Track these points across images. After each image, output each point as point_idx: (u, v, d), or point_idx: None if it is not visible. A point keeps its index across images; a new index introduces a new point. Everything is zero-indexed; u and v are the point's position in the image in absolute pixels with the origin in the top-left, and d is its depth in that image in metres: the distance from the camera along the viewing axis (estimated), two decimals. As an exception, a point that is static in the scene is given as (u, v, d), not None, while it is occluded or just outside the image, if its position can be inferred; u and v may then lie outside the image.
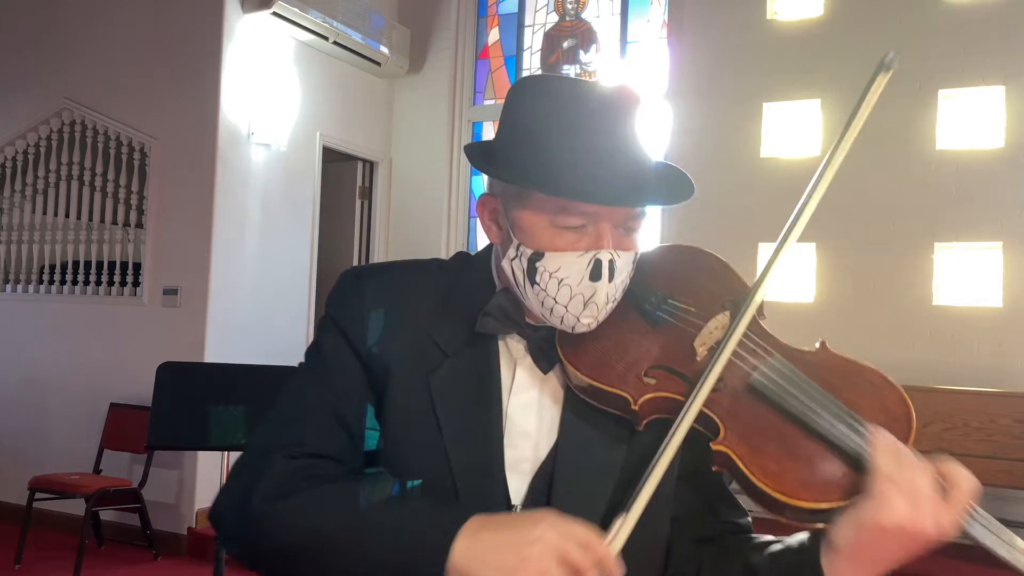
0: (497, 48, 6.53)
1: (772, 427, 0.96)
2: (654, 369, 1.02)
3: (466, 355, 1.07)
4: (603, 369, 1.02)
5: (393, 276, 1.13)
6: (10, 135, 6.00)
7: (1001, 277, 4.68)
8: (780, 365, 1.00)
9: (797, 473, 0.93)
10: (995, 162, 4.71)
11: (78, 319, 5.64)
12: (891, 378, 0.99)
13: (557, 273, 0.99)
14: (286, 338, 5.61)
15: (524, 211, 1.01)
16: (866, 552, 0.90)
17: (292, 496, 0.98)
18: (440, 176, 6.33)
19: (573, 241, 1.00)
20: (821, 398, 0.96)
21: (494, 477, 1.04)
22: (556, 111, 0.99)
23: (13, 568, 4.72)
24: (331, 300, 1.12)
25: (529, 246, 1.01)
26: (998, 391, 4.38)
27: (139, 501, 4.93)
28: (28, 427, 5.69)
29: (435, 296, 1.11)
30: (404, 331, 1.08)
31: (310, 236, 5.86)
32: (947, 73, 4.84)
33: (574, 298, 1.00)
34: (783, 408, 0.97)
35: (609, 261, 0.99)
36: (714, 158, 5.31)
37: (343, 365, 1.08)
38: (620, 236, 1.01)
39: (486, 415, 1.05)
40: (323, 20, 5.60)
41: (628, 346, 1.04)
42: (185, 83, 5.33)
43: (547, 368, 1.07)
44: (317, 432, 1.05)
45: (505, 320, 1.07)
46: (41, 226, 5.96)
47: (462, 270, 1.15)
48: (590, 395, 1.04)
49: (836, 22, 5.12)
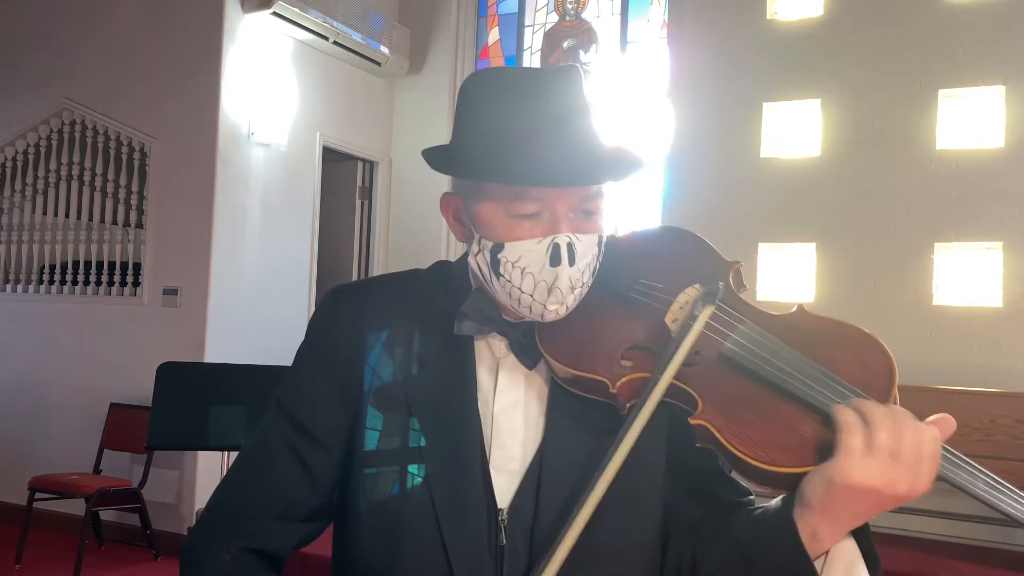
0: (497, 48, 6.53)
1: (749, 395, 0.95)
2: (631, 351, 1.02)
3: (442, 360, 1.07)
4: (581, 357, 1.02)
5: (370, 290, 1.15)
6: (10, 135, 6.00)
7: (1001, 277, 4.68)
8: (752, 332, 0.98)
9: (776, 439, 0.91)
10: (995, 162, 4.71)
11: (78, 319, 5.65)
12: (871, 332, 0.97)
13: (519, 262, 1.00)
14: (286, 338, 5.57)
15: (481, 204, 1.02)
16: (839, 508, 0.88)
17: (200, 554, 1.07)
18: (440, 176, 6.29)
19: (530, 229, 1.00)
20: (796, 361, 0.94)
21: (473, 481, 1.03)
22: (500, 101, 1.00)
23: (13, 568, 4.72)
24: (311, 319, 1.16)
25: (490, 238, 1.02)
26: (998, 391, 4.38)
27: (139, 501, 4.93)
28: (28, 427, 5.69)
29: (413, 306, 1.11)
30: (381, 344, 1.09)
31: (310, 236, 5.86)
32: (947, 73, 4.84)
33: (538, 285, 1.00)
34: (758, 375, 0.95)
35: (568, 244, 0.98)
36: (714, 158, 5.31)
37: (314, 389, 1.10)
38: (579, 220, 1.01)
39: (463, 419, 1.05)
40: (323, 20, 5.60)
41: (604, 331, 1.04)
42: (185, 83, 5.33)
43: (531, 364, 1.07)
44: (276, 485, 1.09)
45: (482, 320, 1.07)
46: (41, 226, 5.96)
47: (440, 277, 1.15)
48: (573, 385, 1.03)
49: (836, 22, 5.11)
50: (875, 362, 0.95)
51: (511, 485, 1.04)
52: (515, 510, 1.03)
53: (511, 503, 1.03)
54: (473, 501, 1.03)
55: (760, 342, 0.97)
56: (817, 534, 0.90)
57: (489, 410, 1.06)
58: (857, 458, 0.85)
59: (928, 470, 0.86)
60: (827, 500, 0.88)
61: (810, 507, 0.89)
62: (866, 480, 0.85)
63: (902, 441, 0.86)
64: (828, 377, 0.93)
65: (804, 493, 0.90)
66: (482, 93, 1.03)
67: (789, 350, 0.96)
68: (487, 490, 1.03)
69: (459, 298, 1.09)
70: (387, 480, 1.04)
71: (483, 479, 1.03)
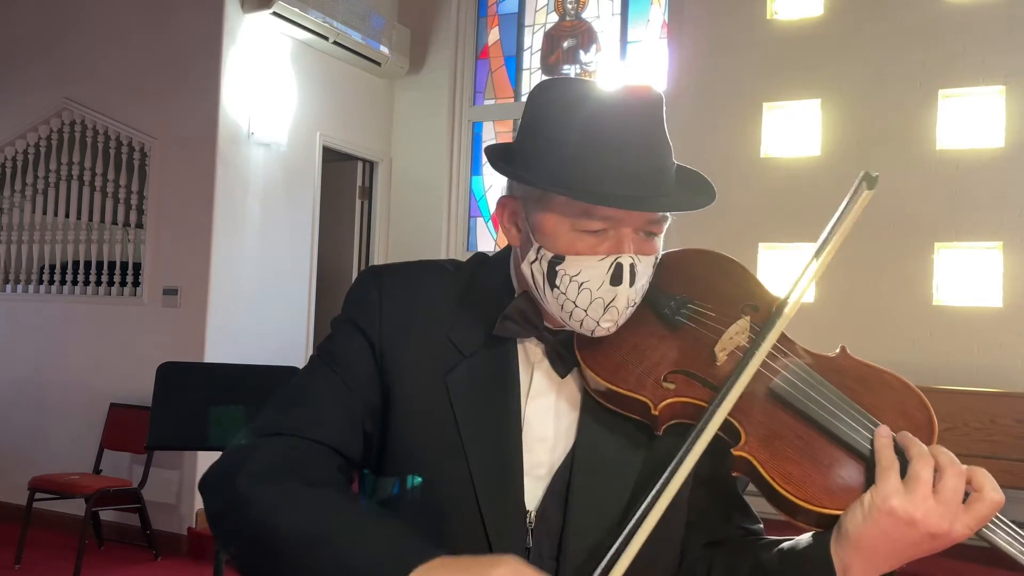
0: (497, 48, 6.53)
1: (793, 433, 0.96)
2: (673, 374, 1.02)
3: (484, 356, 1.07)
4: (622, 373, 1.02)
5: (410, 275, 1.13)
6: (10, 135, 6.00)
7: (1001, 277, 4.69)
8: (801, 370, 0.99)
9: (819, 479, 0.92)
10: (995, 162, 4.71)
11: (78, 319, 5.64)
12: (911, 383, 0.99)
13: (577, 277, 0.99)
14: (286, 338, 5.61)
15: (545, 214, 1.01)
16: (875, 540, 0.88)
17: (272, 485, 0.96)
18: (440, 176, 6.32)
19: (594, 245, 0.99)
20: (842, 403, 0.96)
21: (512, 481, 1.03)
22: (576, 113, 0.98)
23: (13, 568, 4.72)
24: (348, 296, 1.13)
25: (550, 249, 1.01)
26: (998, 391, 4.38)
27: (139, 501, 4.93)
28: (28, 427, 5.69)
29: (452, 296, 1.11)
30: (420, 329, 1.09)
31: (310, 236, 5.86)
32: (947, 73, 4.84)
33: (594, 302, 0.99)
34: (804, 414, 0.96)
35: (630, 266, 0.98)
36: (714, 158, 5.31)
37: (356, 358, 1.08)
38: (641, 240, 1.00)
39: (504, 418, 1.05)
40: (323, 20, 5.60)
41: (647, 350, 1.04)
42: (185, 83, 5.33)
43: (564, 372, 1.07)
44: (321, 419, 1.04)
45: (524, 324, 1.07)
46: (41, 226, 5.96)
47: (479, 271, 1.14)
48: (608, 399, 1.03)
49: (836, 22, 5.12)
50: (915, 413, 0.96)
51: (537, 489, 1.04)
52: (543, 514, 1.03)
53: (539, 507, 1.04)
54: (512, 500, 1.03)
55: (808, 381, 0.98)
56: (849, 571, 0.91)
57: (521, 412, 1.07)
58: (895, 483, 0.87)
59: (967, 517, 0.87)
60: (864, 529, 0.88)
61: (847, 538, 0.90)
62: (904, 508, 0.86)
63: (944, 477, 0.87)
64: (872, 422, 0.94)
65: (844, 523, 0.91)
66: (559, 102, 1.01)
67: (835, 391, 0.97)
68: (520, 492, 1.04)
69: (499, 296, 1.09)
70: (429, 473, 1.04)
71: (520, 480, 1.04)
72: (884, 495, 0.86)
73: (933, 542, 0.88)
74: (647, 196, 0.97)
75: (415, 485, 1.04)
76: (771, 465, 0.93)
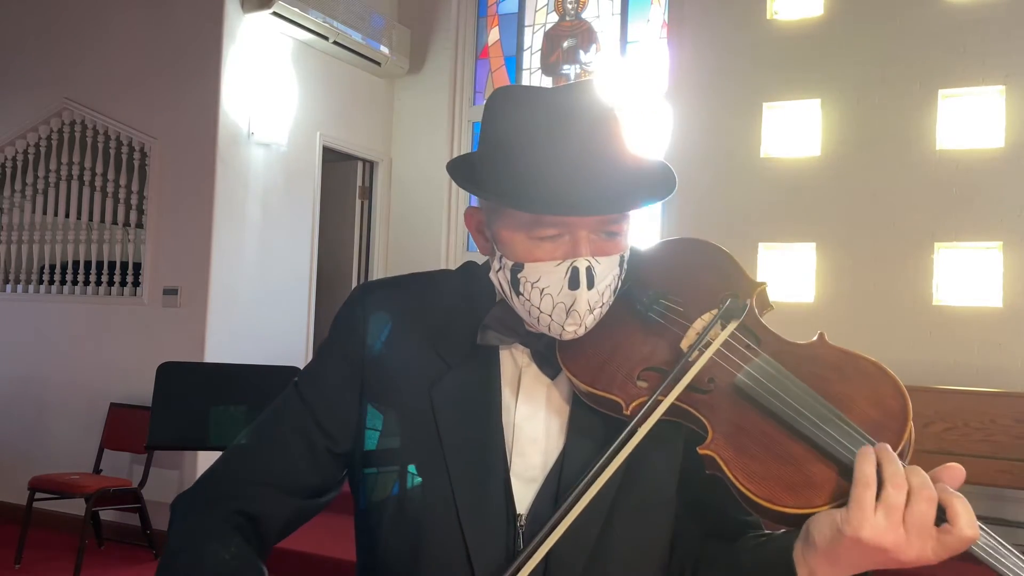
0: (497, 48, 6.53)
1: (758, 429, 0.94)
2: (646, 372, 1.02)
3: (468, 366, 1.08)
4: (598, 374, 1.02)
5: (398, 288, 1.16)
6: (10, 135, 6.00)
7: (1001, 277, 4.68)
8: (766, 364, 0.98)
9: (781, 477, 0.91)
10: (995, 162, 4.71)
11: (78, 319, 5.64)
12: (888, 368, 0.96)
13: (538, 283, 1.00)
14: (286, 338, 5.61)
15: (502, 223, 1.03)
16: (843, 556, 0.87)
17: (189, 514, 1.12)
18: (440, 176, 6.32)
19: (551, 251, 1.00)
20: (808, 399, 0.94)
21: (492, 487, 1.04)
22: (524, 124, 0.99)
23: (13, 568, 4.72)
24: (338, 314, 1.16)
25: (510, 258, 1.02)
26: (998, 391, 4.38)
27: (139, 501, 4.93)
28: (28, 427, 5.69)
29: (440, 307, 1.12)
30: (407, 342, 1.10)
31: (310, 236, 5.86)
32: (947, 73, 4.84)
33: (556, 307, 1.00)
34: (768, 410, 0.95)
35: (587, 268, 0.98)
36: (714, 158, 5.31)
37: (333, 383, 1.11)
38: (600, 241, 1.01)
39: (486, 425, 1.06)
40: (323, 20, 5.60)
41: (622, 349, 1.04)
42: (185, 83, 5.33)
43: (553, 375, 1.08)
44: (280, 457, 1.10)
45: (505, 331, 1.08)
46: (41, 226, 5.96)
47: (467, 281, 1.16)
48: (591, 400, 1.04)
49: (836, 22, 5.11)
50: (890, 402, 0.93)
51: (530, 492, 1.05)
52: (534, 517, 1.04)
53: (530, 510, 1.04)
54: (494, 507, 1.04)
55: (773, 376, 0.97)
56: (815, 574, 0.90)
57: (511, 419, 1.07)
58: (868, 513, 0.84)
59: (938, 547, 0.84)
60: (832, 547, 0.87)
61: (814, 548, 0.89)
62: (875, 538, 0.84)
63: (912, 503, 0.84)
64: (839, 419, 0.92)
65: (811, 533, 0.89)
66: (504, 114, 1.02)
67: (802, 386, 0.95)
68: (507, 496, 1.05)
69: (484, 305, 1.10)
70: (410, 482, 1.05)
71: (504, 486, 1.05)
72: (856, 524, 0.84)
73: (901, 564, 0.86)
74: (592, 201, 0.96)
75: (395, 495, 1.06)
76: (735, 463, 0.92)
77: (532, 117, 0.99)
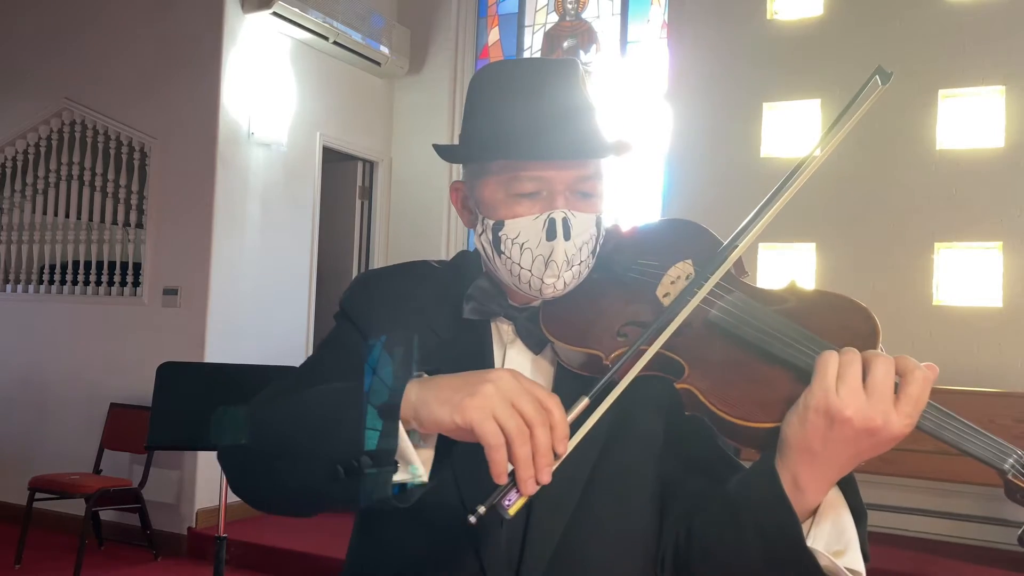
0: (497, 48, 6.53)
1: (733, 359, 0.97)
2: (626, 326, 1.05)
3: (459, 339, 1.12)
4: (581, 334, 1.05)
5: (397, 274, 1.22)
6: (10, 135, 6.00)
7: (1001, 277, 4.69)
8: (737, 300, 1.01)
9: (755, 397, 0.93)
10: (995, 162, 4.71)
11: (78, 319, 5.64)
12: (858, 300, 0.98)
13: (517, 239, 1.05)
14: (286, 338, 5.61)
15: (484, 185, 1.08)
16: (817, 444, 0.87)
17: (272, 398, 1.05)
18: (440, 176, 6.32)
19: (529, 207, 1.05)
20: (779, 323, 0.96)
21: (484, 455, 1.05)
22: (501, 89, 1.07)
23: (13, 568, 4.72)
24: (343, 298, 1.21)
25: (491, 217, 1.08)
26: (998, 391, 4.39)
27: (139, 501, 4.93)
28: (28, 427, 5.69)
29: (434, 289, 1.17)
30: (406, 322, 1.14)
31: (310, 236, 5.86)
32: (947, 73, 4.84)
33: (536, 260, 1.05)
34: (742, 339, 0.97)
35: (563, 219, 1.04)
36: (714, 158, 5.31)
37: (352, 344, 1.13)
38: (576, 199, 1.06)
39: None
40: (323, 20, 5.60)
41: (603, 311, 1.07)
42: (185, 83, 5.33)
43: (537, 348, 1.11)
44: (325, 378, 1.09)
45: (488, 302, 1.12)
46: (41, 226, 5.96)
47: (459, 264, 1.22)
48: (574, 364, 1.07)
49: (836, 22, 5.12)
50: (859, 326, 0.95)
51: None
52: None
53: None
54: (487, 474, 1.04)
55: (744, 307, 0.99)
56: (799, 481, 0.89)
57: None
58: (829, 382, 0.86)
59: (901, 405, 0.85)
60: (801, 433, 0.88)
61: (786, 446, 0.89)
62: (838, 406, 0.85)
63: (873, 370, 0.86)
64: (809, 338, 0.93)
65: (783, 432, 0.90)
66: (484, 85, 1.10)
67: (772, 315, 0.98)
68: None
69: (472, 281, 1.14)
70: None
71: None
72: (815, 395, 0.86)
73: (872, 439, 0.86)
74: (565, 147, 1.04)
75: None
76: (711, 392, 0.94)
77: (508, 79, 1.08)
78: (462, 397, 0.86)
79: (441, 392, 0.88)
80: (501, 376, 0.87)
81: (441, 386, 0.89)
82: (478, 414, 0.84)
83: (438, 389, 0.88)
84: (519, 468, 0.84)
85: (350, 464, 0.88)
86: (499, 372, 0.88)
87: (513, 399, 0.85)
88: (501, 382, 0.86)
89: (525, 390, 0.86)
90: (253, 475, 1.02)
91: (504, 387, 0.86)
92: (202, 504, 5.10)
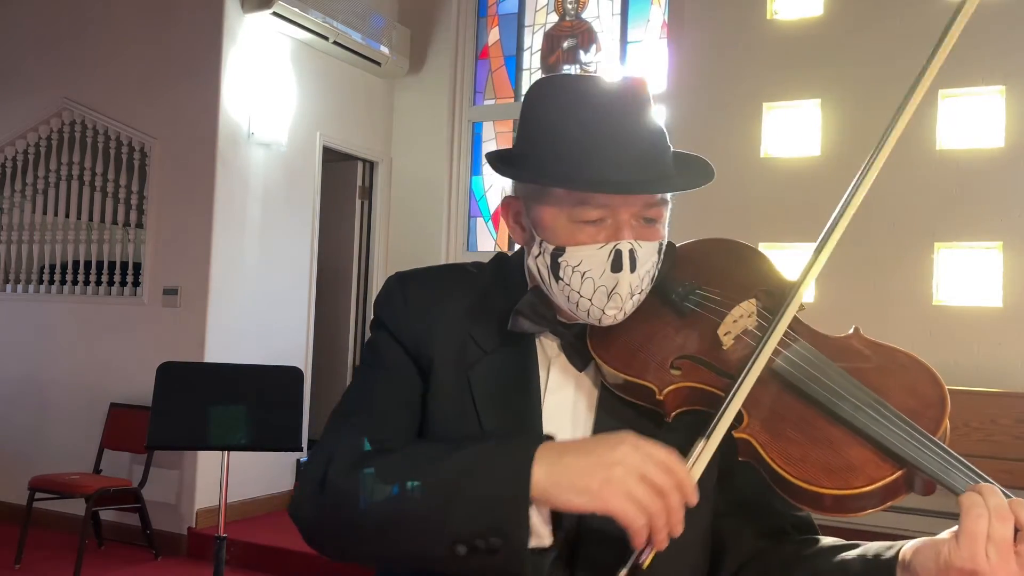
0: (497, 48, 6.53)
1: (795, 413, 0.95)
2: (680, 360, 1.02)
3: (504, 352, 1.09)
4: (631, 361, 1.02)
5: (433, 278, 1.17)
6: (10, 135, 6.00)
7: (1001, 277, 4.68)
8: (804, 350, 0.98)
9: (819, 459, 0.91)
10: (995, 162, 4.71)
11: (78, 319, 5.64)
12: (924, 361, 0.97)
13: (579, 267, 1.01)
14: (286, 338, 5.61)
15: (544, 208, 1.03)
16: None
17: (366, 466, 0.97)
18: (440, 176, 6.32)
19: (593, 234, 1.00)
20: (845, 383, 0.94)
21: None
22: (568, 108, 1.01)
23: (13, 568, 4.72)
24: (378, 303, 1.17)
25: (551, 242, 1.03)
26: (998, 391, 4.38)
27: (139, 501, 4.93)
28: (28, 427, 5.69)
29: (473, 296, 1.13)
30: (444, 328, 1.11)
31: (310, 236, 5.86)
32: (947, 73, 4.82)
33: (597, 290, 1.01)
34: (806, 394, 0.95)
35: (630, 251, 1.00)
36: (714, 158, 5.22)
37: (398, 361, 1.11)
38: (640, 227, 1.02)
39: (526, 411, 1.06)
40: (323, 20, 5.60)
41: (656, 338, 1.04)
42: (185, 83, 5.33)
43: (582, 366, 1.08)
44: (384, 421, 1.07)
45: (537, 318, 1.08)
46: (41, 226, 5.96)
47: (498, 271, 1.17)
48: (622, 389, 1.04)
49: (836, 22, 5.11)
50: (927, 391, 0.94)
51: None
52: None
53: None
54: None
55: (811, 361, 0.97)
56: None
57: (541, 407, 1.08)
58: (980, 546, 0.83)
59: None
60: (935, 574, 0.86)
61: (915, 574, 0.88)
62: (986, 572, 0.82)
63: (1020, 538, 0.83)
64: (877, 402, 0.92)
65: (913, 564, 0.89)
66: (549, 100, 1.04)
67: (839, 372, 0.95)
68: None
69: (515, 293, 1.10)
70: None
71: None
72: (963, 557, 0.83)
73: None
74: (638, 180, 0.99)
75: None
76: (772, 446, 0.92)
77: (579, 100, 1.01)
78: (599, 485, 0.87)
79: (575, 479, 0.88)
80: (626, 453, 0.88)
81: (571, 468, 0.88)
82: (618, 502, 0.86)
83: (570, 474, 0.88)
84: (657, 533, 0.87)
85: (474, 544, 0.89)
86: (622, 447, 0.88)
87: (642, 472, 0.87)
88: (628, 459, 0.87)
89: (649, 457, 0.88)
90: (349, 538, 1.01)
91: (631, 463, 0.87)
92: (202, 504, 5.09)
